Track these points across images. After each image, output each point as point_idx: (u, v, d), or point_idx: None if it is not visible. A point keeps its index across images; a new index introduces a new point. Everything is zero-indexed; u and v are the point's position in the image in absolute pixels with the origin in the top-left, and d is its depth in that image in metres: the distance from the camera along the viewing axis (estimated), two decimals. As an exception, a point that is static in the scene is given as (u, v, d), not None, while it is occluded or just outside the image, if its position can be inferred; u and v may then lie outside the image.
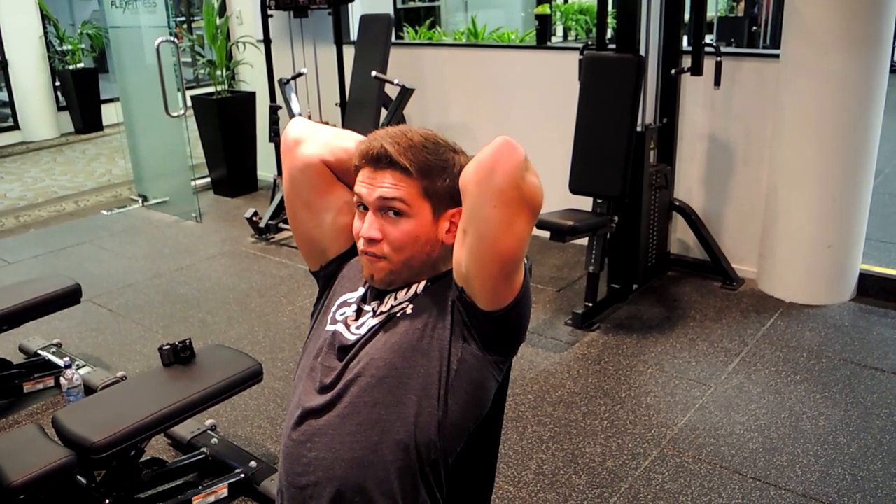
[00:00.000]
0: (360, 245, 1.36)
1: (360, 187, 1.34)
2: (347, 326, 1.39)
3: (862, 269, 3.85)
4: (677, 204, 4.14)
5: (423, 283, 1.38)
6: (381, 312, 1.38)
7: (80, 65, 8.69)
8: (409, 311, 1.35)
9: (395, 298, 1.38)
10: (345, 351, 1.36)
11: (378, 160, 1.31)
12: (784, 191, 3.76)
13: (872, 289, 3.83)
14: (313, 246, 1.50)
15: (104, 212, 5.80)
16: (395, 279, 1.37)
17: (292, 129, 1.44)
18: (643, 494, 2.49)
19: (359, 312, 1.41)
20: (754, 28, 7.73)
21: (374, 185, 1.32)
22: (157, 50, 4.87)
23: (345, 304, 1.43)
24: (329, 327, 1.41)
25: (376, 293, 1.41)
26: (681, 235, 4.31)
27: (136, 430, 2.18)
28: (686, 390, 3.09)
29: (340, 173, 1.44)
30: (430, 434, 1.29)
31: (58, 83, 8.71)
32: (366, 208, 1.34)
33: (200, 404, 2.33)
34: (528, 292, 1.32)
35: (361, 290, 1.43)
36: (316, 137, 1.44)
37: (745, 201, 4.07)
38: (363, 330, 1.37)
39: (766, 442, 2.74)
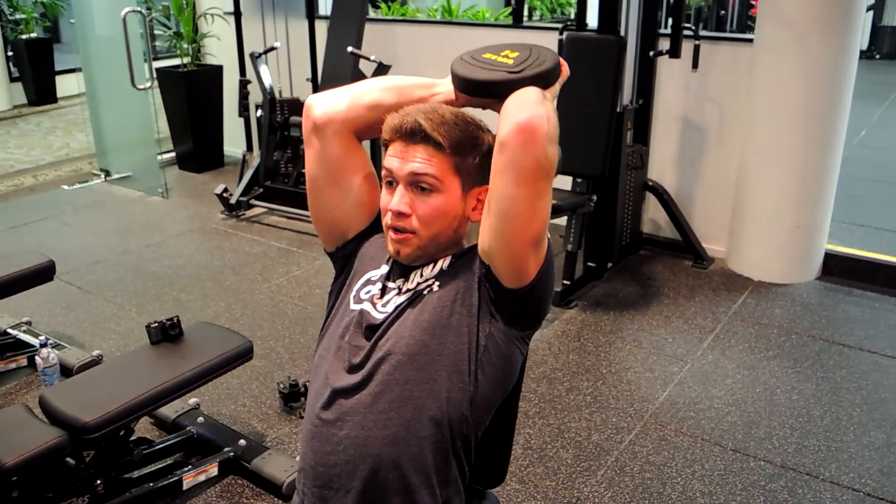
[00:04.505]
0: (388, 219, 1.35)
1: (390, 161, 1.34)
2: (374, 305, 1.39)
3: (827, 249, 3.98)
4: (651, 184, 4.21)
5: (447, 260, 1.39)
6: (408, 290, 1.38)
7: (34, 34, 8.39)
8: (435, 288, 1.36)
9: (422, 275, 1.39)
10: (373, 330, 1.36)
11: (412, 134, 1.31)
12: (755, 172, 3.85)
13: (837, 268, 3.96)
14: (334, 227, 1.49)
15: (65, 186, 5.64)
16: (422, 255, 1.37)
17: (316, 108, 1.40)
18: (629, 467, 2.56)
19: (384, 290, 1.41)
20: (722, 12, 7.87)
21: (406, 160, 1.32)
22: (124, 20, 4.73)
23: (369, 282, 1.43)
24: (354, 306, 1.41)
25: (401, 270, 1.41)
26: (652, 215, 4.38)
27: (128, 410, 2.16)
28: (664, 366, 3.17)
29: (371, 131, 1.42)
30: (462, 409, 1.31)
31: (10, 53, 8.40)
32: (393, 183, 1.35)
33: (192, 382, 2.31)
34: (552, 267, 1.35)
35: (385, 268, 1.43)
36: (339, 110, 1.39)
37: (717, 182, 4.16)
38: (390, 308, 1.37)
39: (743, 415, 2.83)
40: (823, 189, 3.78)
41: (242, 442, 2.58)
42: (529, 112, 1.19)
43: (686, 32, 3.77)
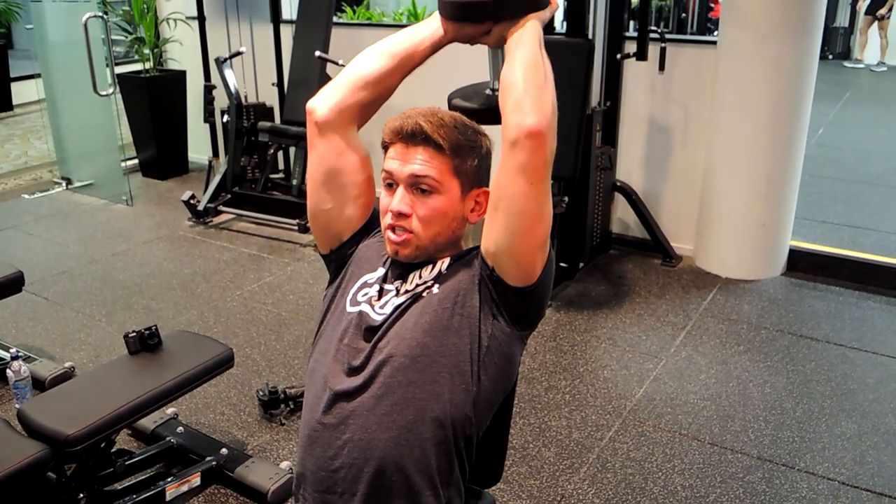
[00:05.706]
0: (388, 220, 1.37)
1: (390, 164, 1.36)
2: (372, 307, 1.40)
3: (791, 246, 4.08)
4: (619, 184, 4.27)
5: (446, 262, 1.41)
6: (406, 291, 1.39)
7: (-14, 40, 8.20)
8: (435, 290, 1.37)
9: (420, 277, 1.40)
10: (372, 331, 1.37)
11: (413, 136, 1.33)
12: (720, 172, 3.93)
13: (801, 264, 4.06)
14: (330, 229, 1.50)
15: (25, 196, 5.52)
16: (420, 254, 1.39)
17: (318, 111, 1.40)
18: (611, 463, 2.60)
19: (381, 292, 1.42)
20: (683, 15, 8.04)
21: (407, 161, 1.34)
22: (85, 26, 4.65)
23: (365, 284, 1.44)
24: (351, 309, 1.42)
25: (398, 272, 1.42)
26: (621, 215, 4.45)
27: (110, 421, 2.12)
28: (639, 363, 3.22)
29: (373, 108, 1.45)
30: (465, 410, 1.32)
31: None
32: (393, 185, 1.36)
33: (175, 391, 2.28)
34: (553, 266, 1.38)
35: (382, 271, 1.44)
36: (334, 102, 1.41)
37: (683, 182, 4.23)
38: (388, 309, 1.38)
39: (718, 409, 2.89)
40: (787, 187, 3.88)
41: (224, 451, 2.55)
42: (539, 114, 1.21)
43: (652, 35, 3.84)
